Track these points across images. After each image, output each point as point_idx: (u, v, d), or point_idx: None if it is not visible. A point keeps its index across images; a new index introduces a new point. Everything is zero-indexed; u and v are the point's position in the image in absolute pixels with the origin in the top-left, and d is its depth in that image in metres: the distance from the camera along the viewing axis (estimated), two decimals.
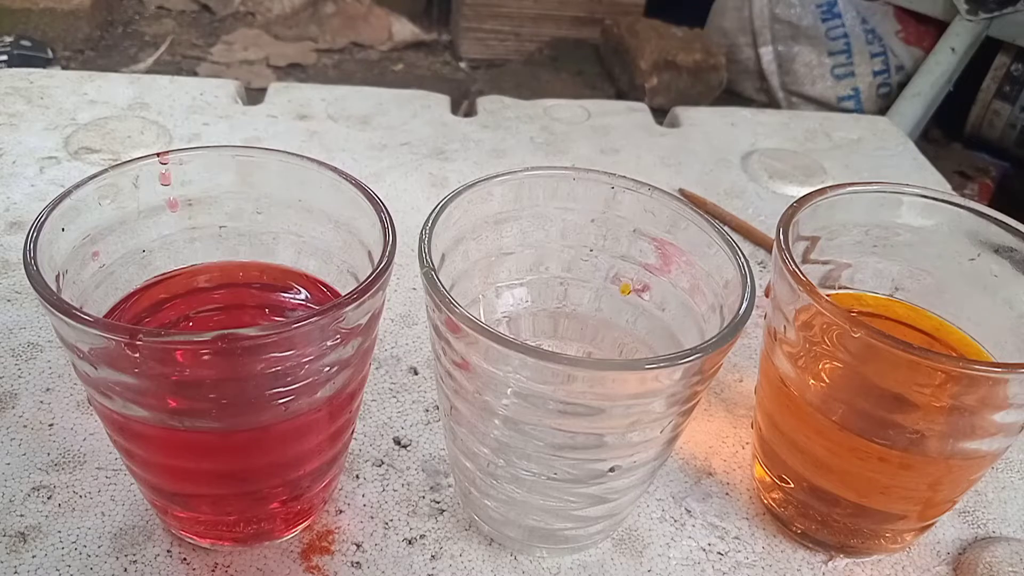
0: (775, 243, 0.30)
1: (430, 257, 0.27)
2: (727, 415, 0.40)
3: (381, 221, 0.28)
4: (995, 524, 0.36)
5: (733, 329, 0.25)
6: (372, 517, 0.33)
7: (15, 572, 0.30)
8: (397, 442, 0.36)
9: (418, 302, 0.44)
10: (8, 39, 1.45)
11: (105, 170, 0.29)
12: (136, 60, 1.51)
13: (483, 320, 0.25)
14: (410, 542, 0.32)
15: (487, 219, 0.31)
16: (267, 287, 0.32)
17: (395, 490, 0.34)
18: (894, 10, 1.31)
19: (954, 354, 0.32)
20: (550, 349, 0.27)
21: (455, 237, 0.30)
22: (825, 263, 0.34)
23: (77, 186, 0.28)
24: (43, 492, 0.32)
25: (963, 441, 0.29)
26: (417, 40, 1.64)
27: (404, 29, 1.64)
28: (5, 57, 1.43)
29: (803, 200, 0.32)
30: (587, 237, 0.32)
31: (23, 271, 0.24)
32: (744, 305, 0.26)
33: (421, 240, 0.27)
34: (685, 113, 0.66)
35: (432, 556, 0.32)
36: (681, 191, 0.55)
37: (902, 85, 1.30)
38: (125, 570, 0.30)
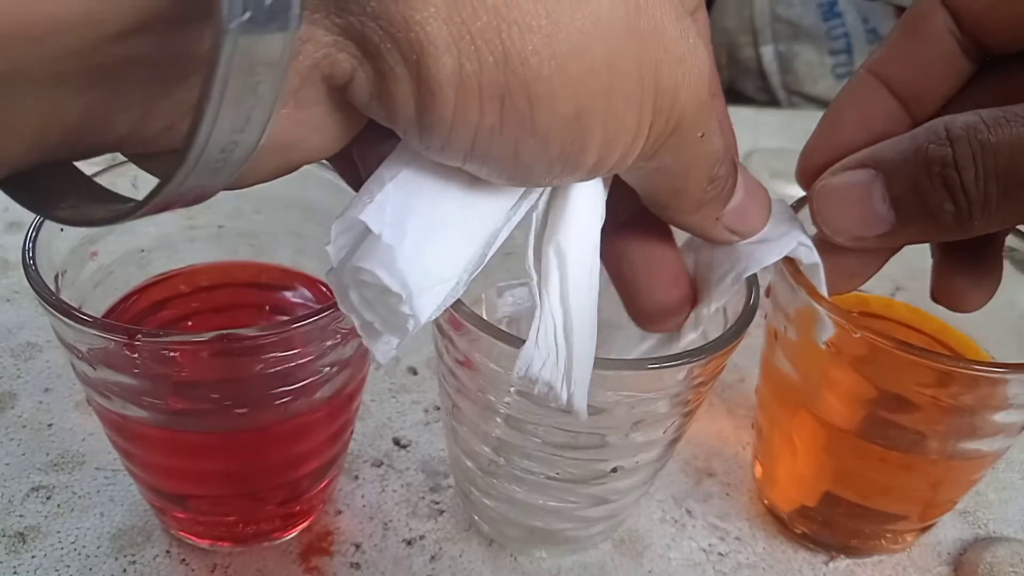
0: None
1: None
2: (728, 416, 0.39)
3: None
4: (996, 524, 0.36)
5: (737, 330, 0.25)
6: (371, 518, 0.33)
7: (14, 572, 0.29)
8: (396, 442, 0.36)
9: None
10: None
11: (104, 170, 0.29)
12: None
13: (485, 318, 0.25)
14: (409, 543, 0.32)
15: None
16: (266, 287, 0.32)
17: (394, 491, 0.34)
18: (895, 10, 1.31)
19: (954, 354, 0.32)
20: None
21: None
22: None
23: None
24: (42, 492, 0.32)
25: (964, 441, 0.28)
26: None
27: None
28: None
29: (804, 200, 0.32)
30: None
31: (22, 271, 0.24)
32: (747, 306, 0.26)
33: None
34: None
35: (432, 557, 0.32)
36: None
37: None
38: (124, 571, 0.30)
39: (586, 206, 0.21)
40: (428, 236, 0.18)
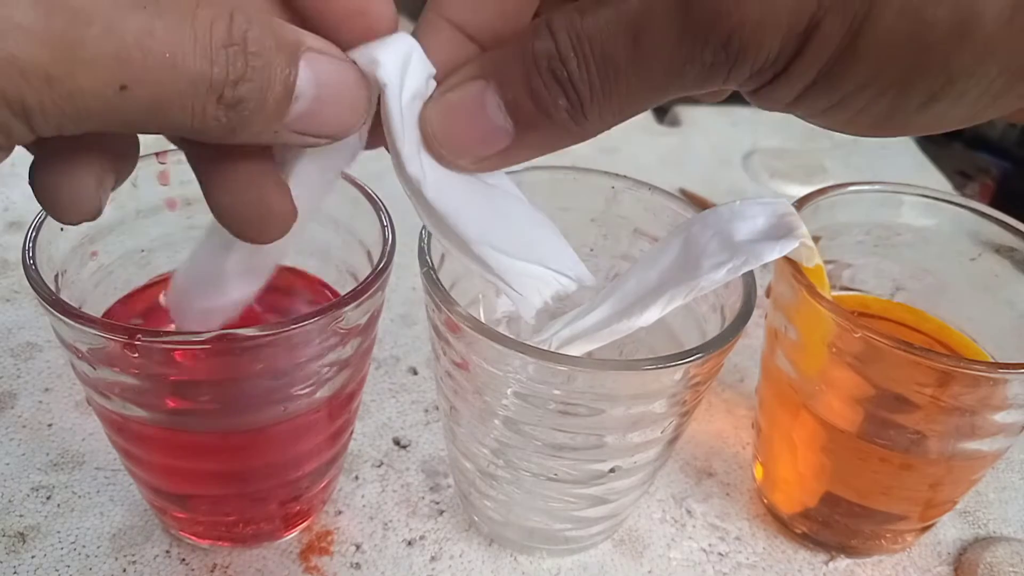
0: None
1: (430, 257, 0.26)
2: (728, 416, 0.39)
3: (381, 221, 0.28)
4: (996, 524, 0.36)
5: (734, 329, 0.25)
6: (371, 518, 0.33)
7: (14, 572, 0.30)
8: (396, 442, 0.36)
9: (418, 302, 0.44)
10: None
11: None
12: None
13: (483, 320, 0.25)
14: (410, 543, 0.32)
15: None
16: (267, 287, 0.32)
17: (395, 491, 0.34)
18: None
19: (954, 354, 0.32)
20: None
21: None
22: (826, 263, 0.34)
23: None
24: (42, 492, 0.32)
25: (964, 441, 0.28)
26: None
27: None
28: None
29: (804, 200, 0.32)
30: (587, 237, 0.32)
31: (22, 271, 0.24)
32: (745, 305, 0.26)
33: (421, 240, 0.27)
34: (686, 112, 0.66)
35: (432, 557, 0.32)
36: (682, 191, 0.55)
37: None
38: (124, 570, 0.30)
39: None
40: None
